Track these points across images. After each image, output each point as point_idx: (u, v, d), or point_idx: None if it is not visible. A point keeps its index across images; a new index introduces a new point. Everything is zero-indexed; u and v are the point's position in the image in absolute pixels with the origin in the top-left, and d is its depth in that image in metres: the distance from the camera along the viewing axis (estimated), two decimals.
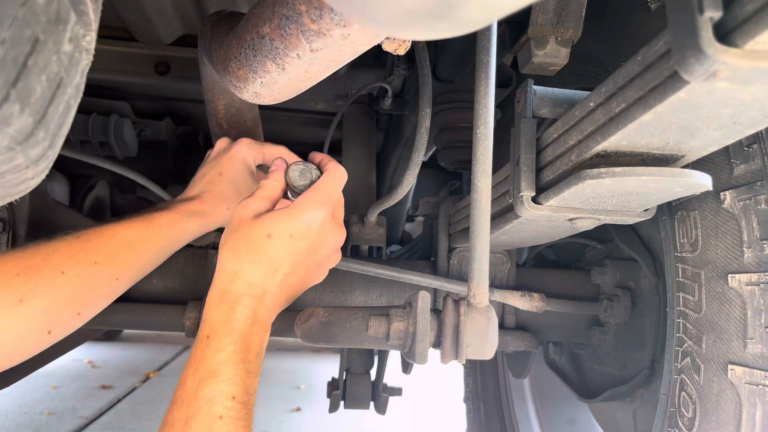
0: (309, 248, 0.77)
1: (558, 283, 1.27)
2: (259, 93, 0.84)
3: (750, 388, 0.75)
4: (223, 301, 0.71)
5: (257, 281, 0.73)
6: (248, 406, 0.66)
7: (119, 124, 1.77)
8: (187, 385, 0.65)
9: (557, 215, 0.80)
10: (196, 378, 0.65)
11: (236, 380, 0.66)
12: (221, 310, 0.70)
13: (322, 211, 0.77)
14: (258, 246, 0.73)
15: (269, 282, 0.74)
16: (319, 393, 3.45)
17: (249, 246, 0.74)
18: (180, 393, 0.65)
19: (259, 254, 0.73)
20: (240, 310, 0.70)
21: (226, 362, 0.66)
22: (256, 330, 0.72)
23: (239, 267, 0.73)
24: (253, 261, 0.73)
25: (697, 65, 0.43)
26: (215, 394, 0.63)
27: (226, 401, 0.64)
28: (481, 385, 2.08)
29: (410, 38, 0.71)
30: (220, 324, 0.69)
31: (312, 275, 0.83)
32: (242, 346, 0.68)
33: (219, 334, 0.68)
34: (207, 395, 0.63)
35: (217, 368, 0.65)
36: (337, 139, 1.93)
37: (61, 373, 3.62)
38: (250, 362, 0.69)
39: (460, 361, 0.78)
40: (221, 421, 0.62)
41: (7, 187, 0.53)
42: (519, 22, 0.98)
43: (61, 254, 0.79)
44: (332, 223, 0.80)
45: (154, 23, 1.53)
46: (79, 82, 0.53)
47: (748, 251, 0.76)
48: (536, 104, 0.82)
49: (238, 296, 0.71)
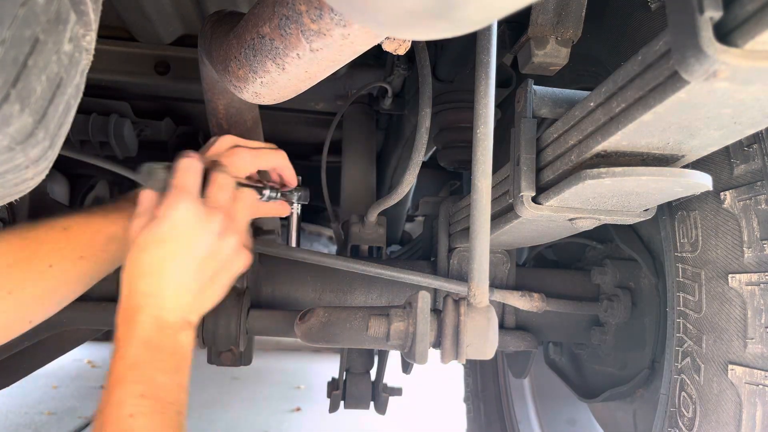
0: (186, 246, 0.77)
1: (558, 283, 1.27)
2: (259, 93, 0.83)
3: (750, 388, 0.75)
4: (125, 318, 0.74)
5: (151, 291, 0.75)
6: (165, 401, 0.68)
7: (119, 124, 1.77)
8: (102, 397, 0.68)
9: (557, 215, 0.80)
10: (107, 389, 0.68)
11: (143, 379, 0.68)
12: (123, 325, 0.73)
13: (181, 207, 0.77)
14: (139, 261, 0.76)
15: (163, 290, 0.75)
16: (319, 393, 3.45)
17: (133, 263, 0.76)
18: (98, 406, 0.68)
19: (142, 268, 0.76)
20: (140, 319, 0.73)
21: (130, 367, 0.69)
22: (167, 332, 0.74)
23: (132, 284, 0.76)
24: (140, 275, 0.75)
25: (697, 65, 0.43)
26: (123, 396, 0.66)
27: (133, 400, 0.66)
28: (481, 385, 2.08)
29: (410, 38, 0.71)
30: (123, 337, 0.72)
31: (214, 267, 0.82)
32: (147, 349, 0.71)
33: (122, 345, 0.71)
34: (116, 399, 0.66)
35: (122, 374, 0.68)
36: (337, 139, 1.93)
37: (61, 373, 3.62)
38: (160, 361, 0.71)
39: (460, 361, 0.78)
40: (132, 419, 0.65)
41: (7, 187, 0.53)
42: (519, 22, 0.98)
43: (50, 247, 0.81)
44: (201, 211, 0.78)
45: (154, 23, 1.53)
46: (79, 82, 0.53)
47: (748, 251, 0.76)
48: (536, 104, 0.82)
49: (137, 308, 0.74)
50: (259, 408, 3.23)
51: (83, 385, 3.48)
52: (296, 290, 1.23)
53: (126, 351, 0.70)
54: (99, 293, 1.16)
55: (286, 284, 1.23)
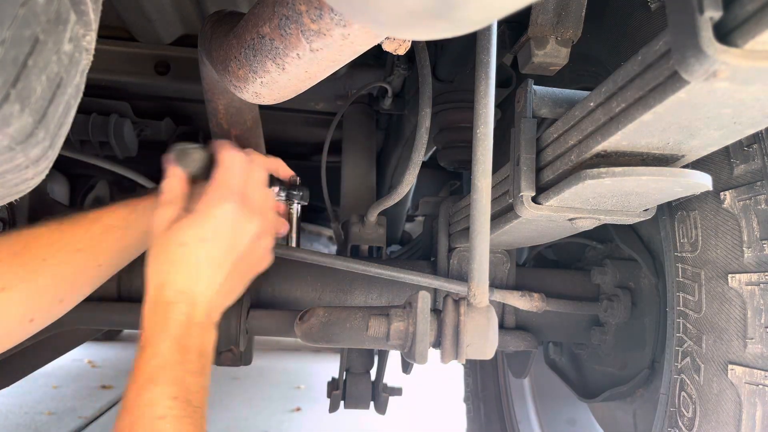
0: (226, 246, 0.78)
1: (558, 283, 1.27)
2: (259, 93, 0.84)
3: (750, 388, 0.75)
4: (155, 312, 0.73)
5: (184, 288, 0.74)
6: (193, 404, 0.68)
7: (119, 124, 1.77)
8: (129, 394, 0.67)
9: (557, 215, 0.80)
10: (136, 386, 0.67)
11: (175, 381, 0.67)
12: (154, 321, 0.72)
13: (227, 207, 0.77)
14: (175, 257, 0.75)
15: (196, 287, 0.75)
16: (319, 393, 3.45)
17: (168, 258, 0.75)
18: (123, 403, 0.67)
19: (178, 264, 0.75)
20: (172, 316, 0.72)
21: (162, 367, 0.68)
22: (195, 331, 0.73)
23: (164, 278, 0.75)
24: (175, 271, 0.75)
25: (697, 65, 0.43)
26: (155, 397, 0.65)
27: (166, 401, 0.65)
28: (481, 385, 2.08)
29: (410, 38, 0.71)
30: (153, 333, 0.71)
31: (243, 268, 0.83)
32: (178, 349, 0.70)
33: (153, 342, 0.70)
34: (147, 400, 0.65)
35: (154, 373, 0.67)
36: (337, 139, 1.93)
37: (61, 373, 3.62)
38: (190, 362, 0.70)
39: (460, 361, 0.78)
40: (163, 420, 0.64)
41: (7, 187, 0.53)
42: (519, 22, 0.98)
43: (43, 241, 0.79)
44: (243, 213, 0.79)
45: (154, 23, 1.53)
46: (79, 82, 0.53)
47: (748, 251, 0.76)
48: (536, 104, 0.82)
49: (169, 304, 0.73)
50: (259, 408, 3.23)
51: (83, 385, 3.48)
52: (296, 290, 1.23)
53: (157, 348, 0.69)
54: (99, 293, 1.16)
55: (286, 284, 1.23)
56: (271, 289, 1.23)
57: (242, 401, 3.34)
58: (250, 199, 0.81)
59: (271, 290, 1.23)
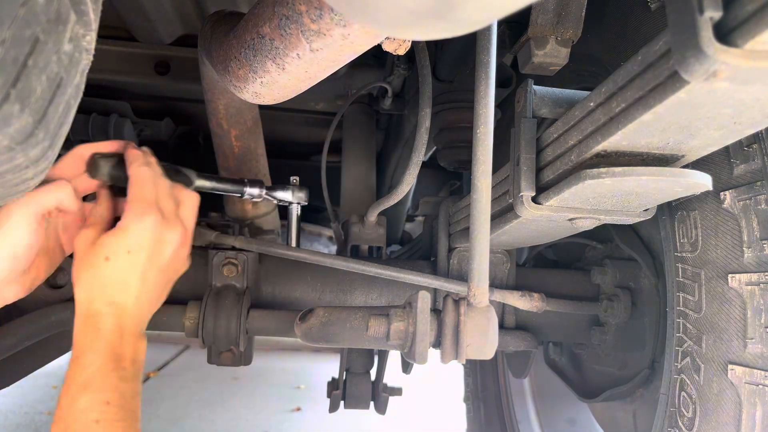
0: (150, 256, 0.80)
1: (558, 283, 1.27)
2: (259, 93, 0.84)
3: (750, 388, 0.75)
4: (86, 324, 0.75)
5: (114, 299, 0.77)
6: (126, 408, 0.71)
7: (119, 124, 1.77)
8: (62, 402, 0.69)
9: (557, 215, 0.80)
10: (69, 394, 0.70)
11: (109, 388, 0.70)
12: (85, 332, 0.75)
13: (147, 220, 0.80)
14: (103, 270, 0.77)
15: (125, 297, 0.78)
16: (319, 393, 3.45)
17: (95, 272, 0.77)
18: (58, 412, 0.69)
19: (105, 277, 0.77)
20: (104, 327, 0.74)
21: (95, 375, 0.70)
22: (127, 340, 0.76)
23: (92, 293, 0.77)
24: (103, 284, 0.77)
25: (697, 65, 0.43)
26: (89, 403, 0.68)
27: (100, 407, 0.68)
28: (481, 385, 2.08)
29: (410, 38, 0.71)
30: (85, 344, 0.73)
31: (168, 274, 0.86)
32: (111, 358, 0.73)
33: (85, 352, 0.73)
34: (81, 406, 0.68)
35: (88, 381, 0.70)
36: (337, 139, 1.93)
37: (61, 373, 3.58)
38: (123, 369, 0.73)
39: (460, 361, 0.78)
40: (98, 424, 0.67)
41: (7, 186, 0.53)
42: (519, 22, 0.98)
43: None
44: (163, 224, 0.82)
45: (154, 23, 1.53)
46: (79, 82, 0.53)
47: (748, 251, 0.76)
48: (536, 104, 0.82)
49: (99, 316, 0.75)
50: (259, 408, 3.23)
51: None
52: (296, 290, 1.23)
53: (90, 358, 0.72)
54: None
55: (286, 284, 1.23)
56: (271, 289, 1.23)
57: (242, 401, 3.34)
58: (165, 208, 0.84)
59: (271, 290, 1.23)
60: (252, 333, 1.09)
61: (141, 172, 0.84)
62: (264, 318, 1.08)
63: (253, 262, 1.15)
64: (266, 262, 1.23)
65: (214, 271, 1.13)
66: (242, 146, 1.26)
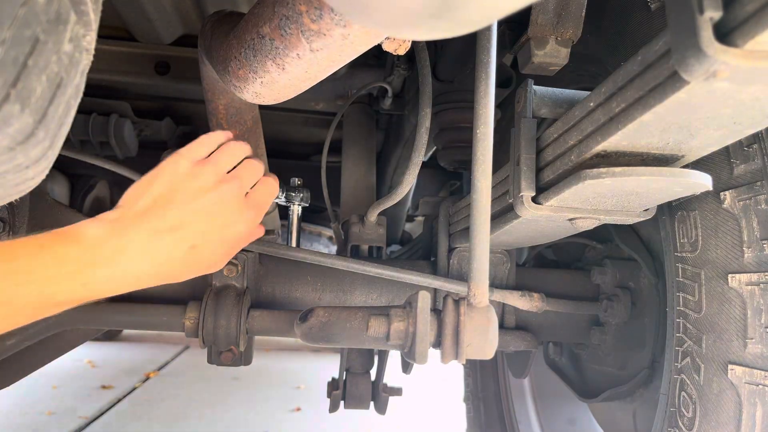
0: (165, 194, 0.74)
1: (558, 283, 1.27)
2: (259, 93, 0.84)
3: (750, 388, 0.75)
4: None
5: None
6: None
7: (119, 124, 1.77)
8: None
9: (557, 215, 0.80)
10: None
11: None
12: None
13: (170, 161, 0.76)
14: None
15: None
16: (319, 393, 3.45)
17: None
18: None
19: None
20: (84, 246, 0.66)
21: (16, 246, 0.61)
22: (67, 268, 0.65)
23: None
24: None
25: (697, 65, 0.43)
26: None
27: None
28: (481, 385, 2.08)
29: (410, 38, 0.71)
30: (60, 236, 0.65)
31: (191, 218, 0.76)
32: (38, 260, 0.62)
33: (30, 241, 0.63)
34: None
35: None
36: (337, 139, 1.93)
37: (61, 373, 3.62)
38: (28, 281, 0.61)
39: (460, 361, 0.78)
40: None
41: (7, 187, 0.53)
42: (519, 22, 0.98)
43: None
44: (191, 168, 0.76)
45: (154, 23, 1.53)
46: (79, 82, 0.53)
47: (748, 251, 0.76)
48: (536, 104, 0.82)
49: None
50: (259, 408, 3.23)
51: (83, 385, 3.48)
52: (296, 290, 1.23)
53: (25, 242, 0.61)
54: None
55: (286, 284, 1.23)
56: (271, 289, 1.23)
57: (242, 401, 3.34)
58: (207, 159, 0.79)
59: (271, 290, 1.23)
60: (252, 333, 1.09)
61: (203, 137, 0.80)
62: (264, 318, 1.09)
63: (253, 262, 1.16)
64: (266, 262, 1.23)
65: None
66: None
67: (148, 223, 0.71)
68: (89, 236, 0.66)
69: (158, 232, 0.71)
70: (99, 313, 1.09)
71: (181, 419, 2.96)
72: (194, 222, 0.74)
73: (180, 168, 0.75)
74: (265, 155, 1.38)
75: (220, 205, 0.77)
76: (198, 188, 0.75)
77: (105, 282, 0.66)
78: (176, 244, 0.72)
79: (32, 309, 0.61)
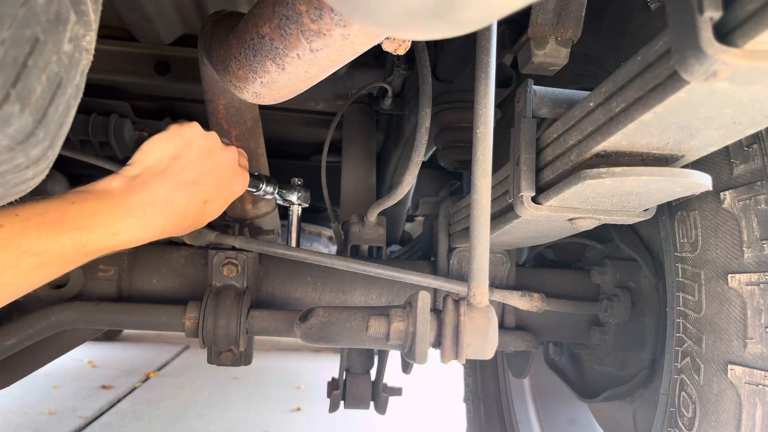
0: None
1: (558, 283, 1.27)
2: (259, 93, 0.84)
3: (750, 388, 0.75)
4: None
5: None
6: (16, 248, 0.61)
7: (119, 124, 1.77)
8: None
9: (557, 215, 0.80)
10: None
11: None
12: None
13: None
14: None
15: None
16: (319, 393, 3.45)
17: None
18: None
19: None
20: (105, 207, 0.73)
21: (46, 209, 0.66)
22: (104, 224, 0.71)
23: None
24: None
25: (697, 65, 0.43)
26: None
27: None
28: (481, 385, 2.08)
29: (410, 38, 0.71)
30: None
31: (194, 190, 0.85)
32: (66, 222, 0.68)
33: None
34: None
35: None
36: (337, 139, 1.93)
37: (61, 373, 3.62)
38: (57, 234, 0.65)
39: (460, 361, 0.78)
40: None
41: (7, 187, 0.52)
42: (519, 22, 0.98)
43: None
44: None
45: (154, 23, 1.53)
46: (79, 82, 0.53)
47: (748, 251, 0.76)
48: (536, 104, 0.82)
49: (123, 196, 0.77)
50: (259, 408, 3.23)
51: (83, 385, 3.48)
52: (296, 290, 1.23)
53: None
54: (99, 293, 1.16)
55: (286, 284, 1.23)
56: (271, 289, 1.23)
57: (242, 401, 3.34)
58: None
59: (271, 290, 1.23)
60: (252, 333, 1.09)
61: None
62: (264, 318, 1.08)
63: (253, 262, 1.16)
64: (266, 262, 1.23)
65: (214, 271, 1.13)
66: (242, 146, 1.26)
67: (172, 178, 0.80)
68: (117, 190, 0.74)
69: (179, 187, 0.80)
70: (99, 313, 1.09)
71: (181, 419, 2.96)
72: (208, 179, 0.85)
73: (195, 131, 0.86)
74: (265, 155, 1.38)
75: (226, 166, 0.89)
76: (209, 149, 0.87)
77: (133, 230, 0.73)
78: (193, 197, 0.83)
79: (64, 258, 0.66)
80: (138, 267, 1.19)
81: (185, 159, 0.83)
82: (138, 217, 0.74)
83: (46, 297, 1.12)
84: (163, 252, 1.21)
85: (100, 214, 0.69)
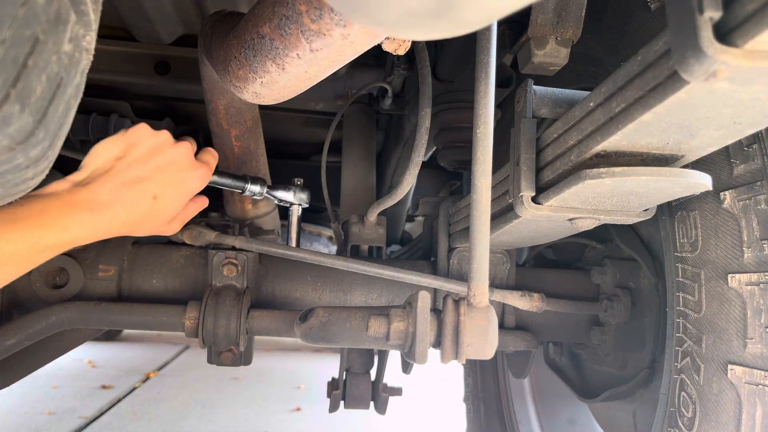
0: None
1: (558, 283, 1.27)
2: (259, 93, 0.84)
3: (750, 388, 0.75)
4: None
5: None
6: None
7: (119, 124, 1.77)
8: None
9: (557, 215, 0.80)
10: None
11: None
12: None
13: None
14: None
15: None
16: (319, 393, 3.45)
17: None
18: None
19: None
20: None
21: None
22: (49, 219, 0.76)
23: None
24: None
25: (697, 65, 0.43)
26: None
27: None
28: (481, 385, 2.08)
29: (410, 38, 0.71)
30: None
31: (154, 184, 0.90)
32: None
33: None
34: None
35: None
36: (337, 139, 1.93)
37: (61, 373, 3.62)
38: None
39: (460, 361, 0.78)
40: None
41: (7, 186, 0.53)
42: (519, 22, 0.98)
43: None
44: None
45: (154, 23, 1.53)
46: (79, 82, 0.53)
47: (748, 251, 0.76)
48: (536, 104, 0.82)
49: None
50: (259, 408, 3.23)
51: (83, 385, 3.48)
52: (296, 290, 1.23)
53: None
54: (99, 293, 1.16)
55: (286, 284, 1.23)
56: (271, 289, 1.23)
57: (242, 401, 3.34)
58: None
59: (271, 290, 1.23)
60: (252, 333, 1.09)
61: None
62: (264, 318, 1.09)
63: (253, 262, 1.16)
64: (266, 262, 1.23)
65: (214, 271, 1.13)
66: (242, 146, 1.26)
67: (116, 176, 0.84)
68: (63, 191, 0.79)
69: (124, 184, 0.84)
70: (99, 313, 1.09)
71: (181, 419, 2.96)
72: (155, 176, 0.89)
73: (141, 132, 0.92)
74: (265, 155, 1.38)
75: (176, 161, 0.92)
76: (157, 147, 0.91)
77: (82, 226, 0.77)
78: (140, 194, 0.86)
79: (19, 257, 0.70)
80: (138, 267, 1.19)
81: (130, 158, 0.88)
82: (85, 212, 0.78)
83: (46, 297, 1.12)
84: (163, 252, 1.21)
85: (48, 211, 0.73)
